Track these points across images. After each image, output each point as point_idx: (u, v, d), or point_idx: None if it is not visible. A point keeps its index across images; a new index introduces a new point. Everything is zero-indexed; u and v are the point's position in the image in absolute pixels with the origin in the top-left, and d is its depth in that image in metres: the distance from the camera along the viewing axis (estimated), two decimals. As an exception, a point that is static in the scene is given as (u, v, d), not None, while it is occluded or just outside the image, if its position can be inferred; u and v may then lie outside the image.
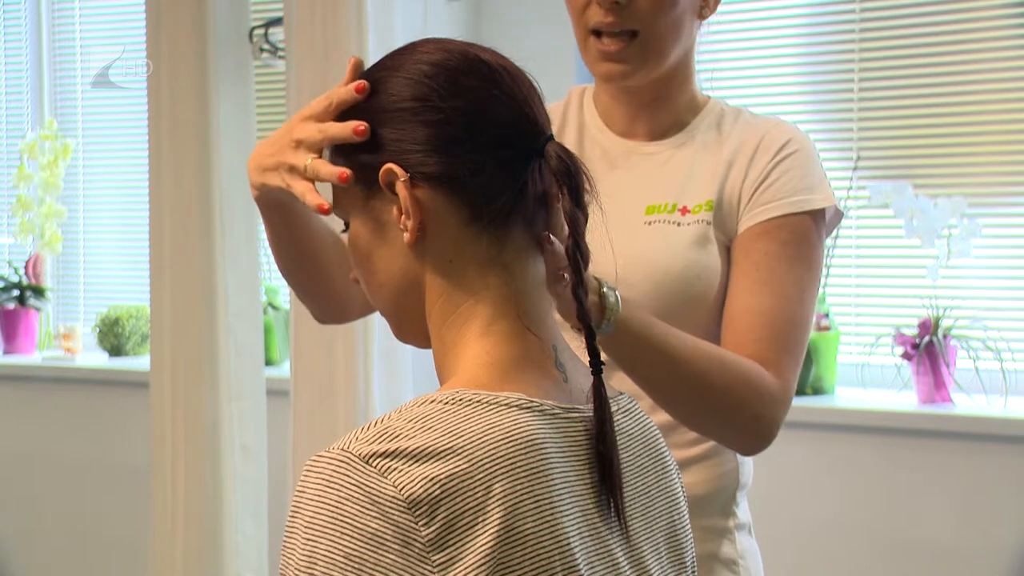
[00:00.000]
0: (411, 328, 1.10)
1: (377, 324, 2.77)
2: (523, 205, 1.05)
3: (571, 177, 1.05)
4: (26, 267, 3.87)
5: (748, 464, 1.63)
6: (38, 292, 3.87)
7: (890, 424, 2.72)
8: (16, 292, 3.86)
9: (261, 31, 3.16)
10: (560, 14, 1.66)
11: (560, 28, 2.39)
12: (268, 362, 3.36)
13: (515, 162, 1.04)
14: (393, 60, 1.08)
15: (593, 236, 1.08)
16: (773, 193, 1.54)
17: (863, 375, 2.84)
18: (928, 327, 2.74)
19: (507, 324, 1.04)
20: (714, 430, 1.49)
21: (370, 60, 1.11)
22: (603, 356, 1.07)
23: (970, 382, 2.72)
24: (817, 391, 2.81)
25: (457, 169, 1.03)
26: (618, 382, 1.38)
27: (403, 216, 1.03)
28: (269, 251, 1.50)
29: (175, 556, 3.12)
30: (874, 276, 2.95)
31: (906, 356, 2.76)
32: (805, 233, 1.53)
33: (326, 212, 1.16)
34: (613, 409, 1.06)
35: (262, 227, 1.52)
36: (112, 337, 3.71)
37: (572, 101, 1.68)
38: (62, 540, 3.75)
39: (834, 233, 1.77)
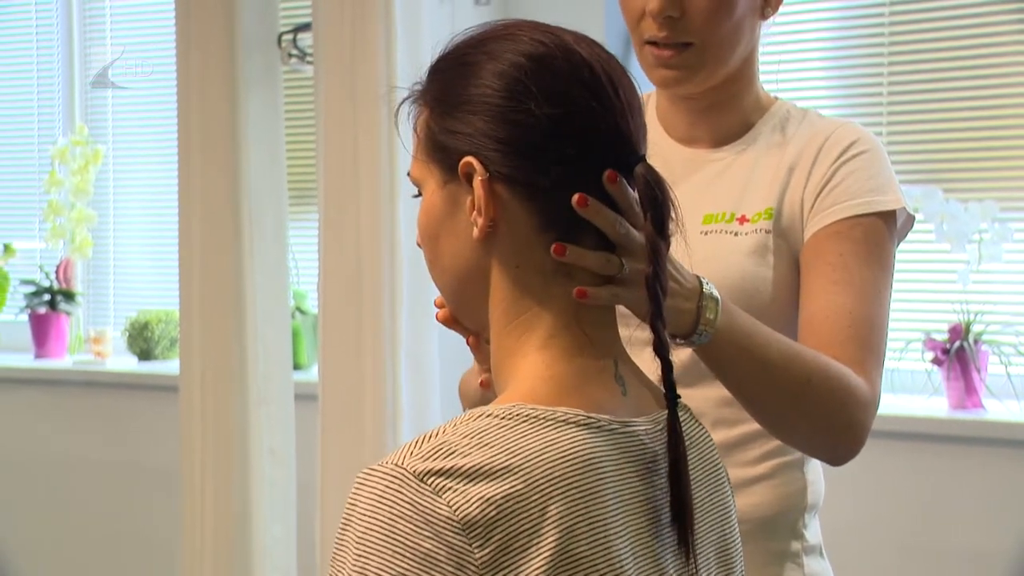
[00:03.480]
0: (470, 314, 1.08)
1: (404, 328, 2.77)
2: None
3: (657, 205, 1.02)
4: (57, 272, 3.89)
5: (819, 484, 1.57)
6: (69, 296, 3.89)
7: (920, 430, 2.70)
8: (47, 296, 3.88)
9: (289, 36, 3.17)
10: (590, 17, 1.65)
11: (591, 31, 2.39)
12: (296, 366, 3.37)
13: (599, 178, 1.02)
14: (491, 45, 1.03)
15: None
16: (838, 195, 1.47)
17: (893, 380, 2.81)
18: (959, 332, 2.72)
19: (568, 337, 1.02)
20: (804, 437, 1.39)
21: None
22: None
23: (1002, 388, 2.70)
24: (846, 396, 2.79)
25: (536, 176, 1.00)
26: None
27: (475, 212, 1.01)
28: (297, 255, 1.50)
29: (204, 559, 3.13)
30: (904, 281, 2.91)
31: (936, 361, 2.74)
32: (877, 234, 1.46)
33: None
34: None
35: (291, 231, 1.52)
36: (141, 341, 3.73)
37: None
38: (91, 543, 3.76)
39: None
